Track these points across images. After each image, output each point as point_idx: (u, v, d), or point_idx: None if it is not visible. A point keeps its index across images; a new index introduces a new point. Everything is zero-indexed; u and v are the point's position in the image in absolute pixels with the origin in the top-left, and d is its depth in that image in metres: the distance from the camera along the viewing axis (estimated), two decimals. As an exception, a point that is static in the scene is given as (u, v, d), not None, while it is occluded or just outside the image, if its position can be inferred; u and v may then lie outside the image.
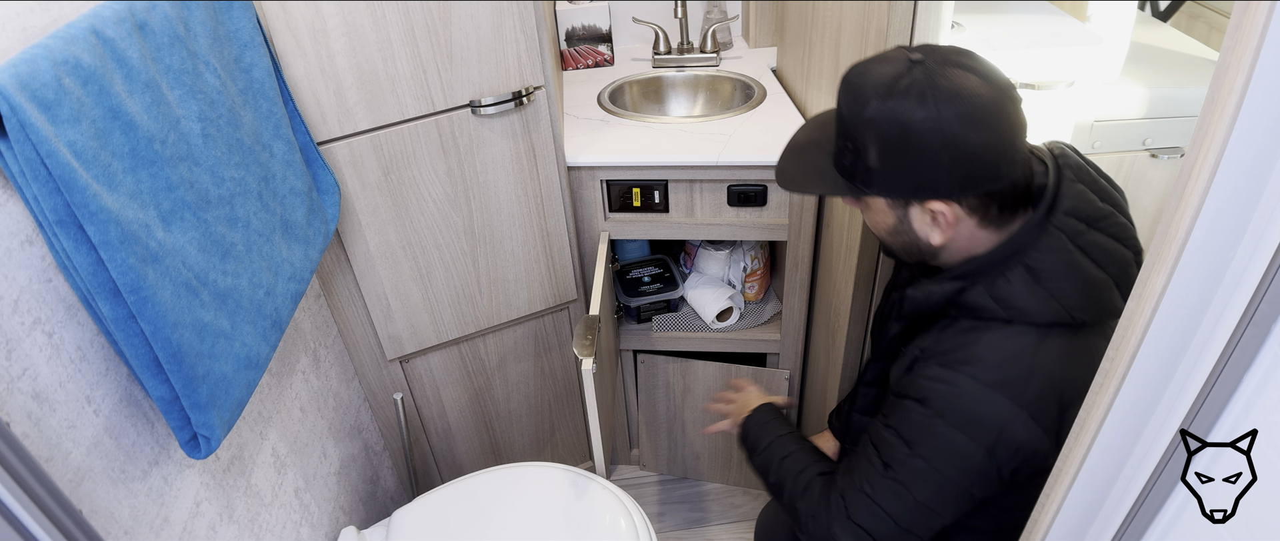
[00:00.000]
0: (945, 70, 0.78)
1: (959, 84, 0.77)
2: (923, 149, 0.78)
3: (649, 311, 1.74)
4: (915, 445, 0.84)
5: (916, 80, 0.78)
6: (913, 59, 0.79)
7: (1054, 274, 0.81)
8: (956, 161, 0.78)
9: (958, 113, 0.76)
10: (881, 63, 0.82)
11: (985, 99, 0.77)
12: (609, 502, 1.27)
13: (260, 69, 0.99)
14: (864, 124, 0.81)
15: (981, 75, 0.78)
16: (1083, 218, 0.82)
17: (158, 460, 0.83)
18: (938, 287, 0.86)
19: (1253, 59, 0.41)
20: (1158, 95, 1.57)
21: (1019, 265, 0.82)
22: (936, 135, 0.77)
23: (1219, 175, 0.44)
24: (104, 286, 0.69)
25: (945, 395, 0.82)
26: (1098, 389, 0.60)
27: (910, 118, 0.77)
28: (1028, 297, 0.81)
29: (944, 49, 0.81)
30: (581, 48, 1.91)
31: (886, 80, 0.79)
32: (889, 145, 0.80)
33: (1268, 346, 0.45)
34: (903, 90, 0.78)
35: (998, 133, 0.78)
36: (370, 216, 1.29)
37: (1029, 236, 0.82)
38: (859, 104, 0.81)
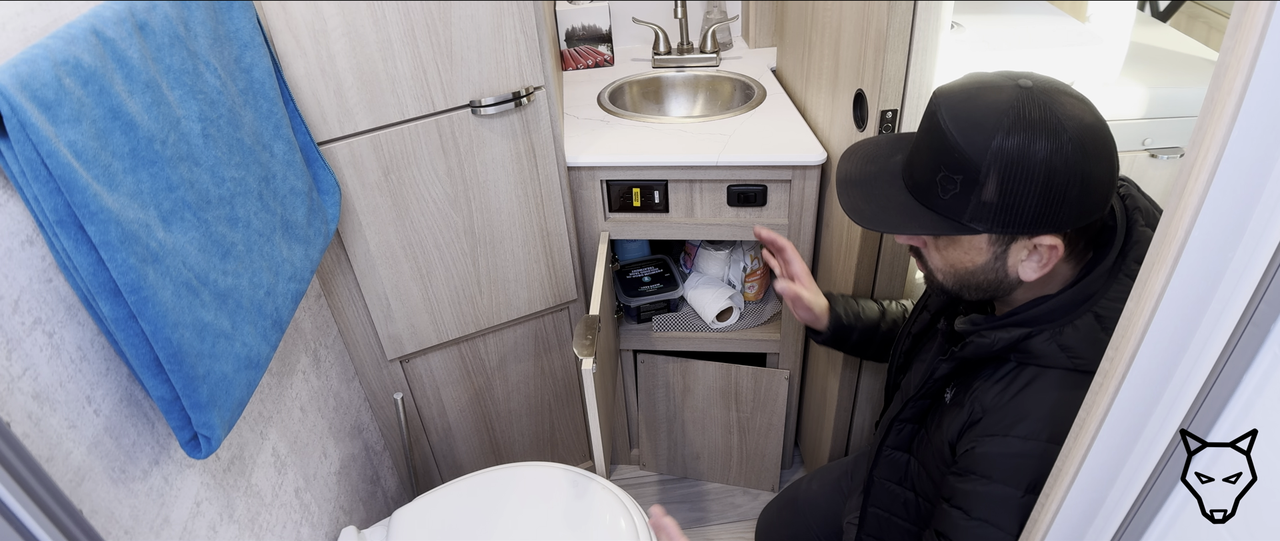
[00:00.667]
0: (1058, 98, 0.76)
1: (1077, 114, 0.75)
2: (1051, 182, 0.75)
3: (649, 311, 1.74)
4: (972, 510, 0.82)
5: (1040, 110, 0.75)
6: (1022, 84, 0.77)
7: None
8: (1084, 193, 0.76)
9: (1082, 143, 0.74)
10: (989, 90, 0.78)
11: (1100, 129, 0.76)
12: (609, 502, 1.27)
13: (260, 69, 0.99)
14: (990, 157, 0.76)
15: (1084, 102, 0.77)
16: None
17: (158, 460, 0.83)
18: (1004, 334, 0.82)
19: (1252, 59, 0.41)
20: (1157, 95, 1.57)
21: (1088, 313, 0.79)
22: (1065, 168, 0.74)
23: (1219, 175, 0.44)
24: (104, 286, 0.69)
25: (1005, 460, 0.80)
26: (1098, 389, 0.60)
27: (1040, 150, 0.74)
28: (1092, 347, 0.78)
29: (1039, 76, 0.78)
30: (581, 48, 1.91)
31: (1007, 110, 0.76)
32: (1014, 179, 0.76)
33: (1268, 346, 0.45)
34: (1029, 122, 0.75)
35: (1111, 163, 0.77)
36: (370, 216, 1.29)
37: (1099, 284, 0.80)
38: (981, 136, 0.76)
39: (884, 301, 1.26)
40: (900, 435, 1.00)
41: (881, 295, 1.35)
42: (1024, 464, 0.79)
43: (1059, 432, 0.75)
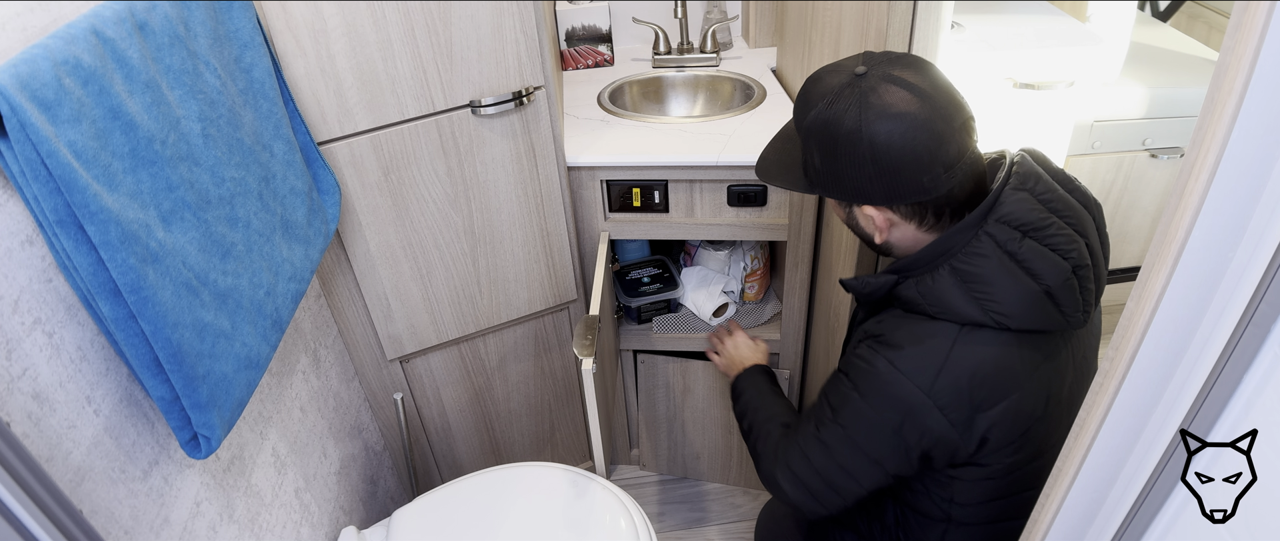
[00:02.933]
0: (882, 86, 0.82)
1: (888, 100, 0.82)
2: (851, 159, 0.84)
3: (649, 311, 1.74)
4: (838, 412, 0.93)
5: (853, 92, 0.83)
6: (857, 72, 0.85)
7: (979, 277, 0.84)
8: (881, 174, 0.84)
9: (883, 129, 0.82)
10: (833, 72, 0.88)
11: (913, 117, 0.81)
12: (609, 502, 1.27)
13: (260, 69, 0.99)
14: (806, 129, 0.89)
15: (920, 93, 0.82)
16: (1018, 225, 0.84)
17: (158, 460, 0.83)
18: (874, 280, 0.94)
19: (1252, 59, 0.41)
20: (1157, 95, 1.57)
21: (946, 265, 0.86)
22: (862, 147, 0.83)
23: (1219, 175, 0.44)
24: (104, 286, 0.69)
25: (864, 372, 0.90)
26: (1098, 389, 0.60)
27: (839, 130, 0.84)
28: (951, 296, 0.85)
29: (894, 60, 0.85)
30: (581, 48, 1.91)
31: (830, 90, 0.85)
32: (824, 152, 0.87)
33: (1268, 346, 0.45)
34: (839, 102, 0.84)
35: (919, 149, 0.82)
36: (370, 216, 1.29)
37: (958, 239, 0.86)
38: (804, 110, 0.89)
39: None
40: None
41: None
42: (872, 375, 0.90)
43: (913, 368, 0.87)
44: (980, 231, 0.85)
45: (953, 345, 0.86)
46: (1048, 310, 0.84)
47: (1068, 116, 1.44)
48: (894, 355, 0.88)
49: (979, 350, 0.85)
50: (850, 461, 0.93)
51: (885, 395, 0.88)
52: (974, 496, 0.97)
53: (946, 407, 0.86)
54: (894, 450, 0.91)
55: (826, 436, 0.94)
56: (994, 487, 0.95)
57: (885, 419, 0.89)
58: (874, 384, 0.89)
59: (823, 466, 0.95)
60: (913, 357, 0.87)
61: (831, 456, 0.94)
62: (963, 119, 0.84)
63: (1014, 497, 0.96)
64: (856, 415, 0.91)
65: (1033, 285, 0.83)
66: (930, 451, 0.91)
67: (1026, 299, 0.83)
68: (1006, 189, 0.86)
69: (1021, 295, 0.83)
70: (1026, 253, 0.83)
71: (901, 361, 0.87)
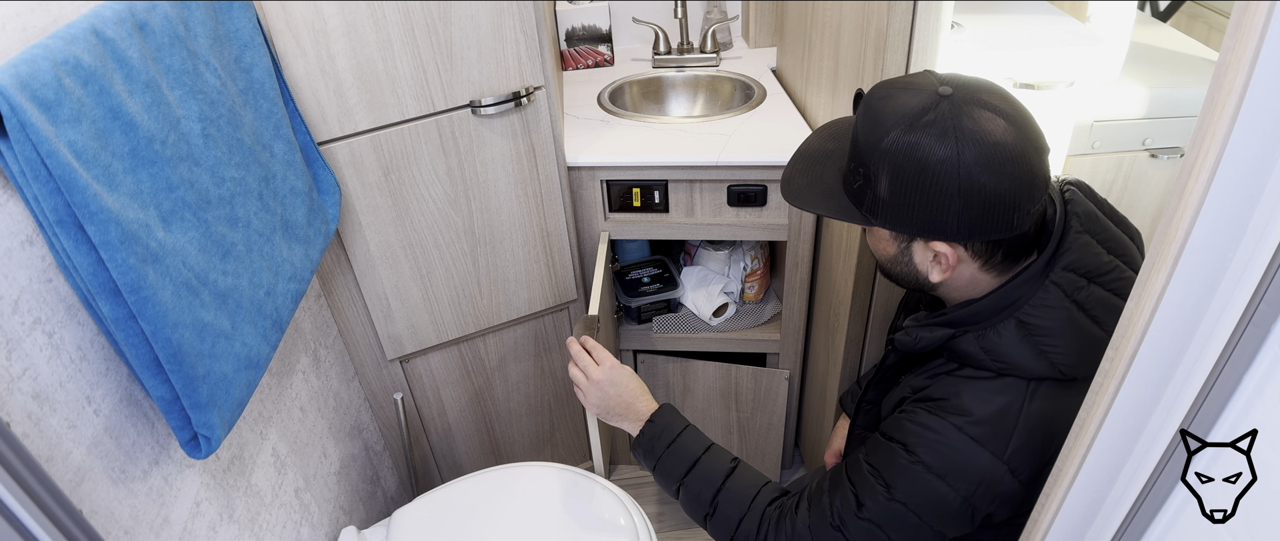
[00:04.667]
0: (973, 110, 0.74)
1: (985, 127, 0.74)
2: (936, 189, 0.75)
3: (649, 312, 1.74)
4: (895, 489, 0.83)
5: (941, 116, 0.75)
6: (941, 92, 0.76)
7: (1046, 330, 0.79)
8: (969, 207, 0.75)
9: (979, 157, 0.73)
10: (907, 91, 0.78)
11: (1009, 147, 0.74)
12: (609, 502, 1.27)
13: (260, 69, 0.99)
14: (880, 153, 0.78)
15: (1011, 120, 0.75)
16: (1084, 272, 0.80)
17: (158, 460, 0.83)
18: (928, 334, 0.84)
19: (1252, 59, 0.41)
20: (1157, 95, 1.57)
21: (1011, 319, 0.80)
22: (953, 178, 0.74)
23: (1219, 175, 0.44)
24: (104, 286, 0.69)
25: (930, 443, 0.81)
26: (1098, 389, 0.60)
27: (929, 155, 0.74)
28: (1018, 352, 0.79)
29: (976, 84, 0.78)
30: (581, 48, 1.91)
31: (910, 111, 0.76)
32: (902, 179, 0.77)
33: (1268, 346, 0.45)
34: (925, 125, 0.75)
35: (1016, 183, 0.75)
36: (370, 216, 1.29)
37: (1025, 290, 0.80)
38: (878, 132, 0.78)
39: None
40: (868, 416, 1.03)
41: (880, 296, 1.35)
42: (938, 444, 0.81)
43: (987, 435, 0.79)
44: (1047, 280, 0.79)
45: (1024, 404, 0.79)
46: None
47: (1068, 116, 1.44)
48: (963, 422, 0.80)
49: (1047, 405, 0.80)
50: (908, 539, 0.84)
51: (957, 465, 0.80)
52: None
53: (1019, 469, 0.80)
54: (960, 517, 0.83)
55: (878, 516, 0.84)
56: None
57: (956, 489, 0.81)
58: (944, 454, 0.81)
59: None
60: (986, 424, 0.80)
61: (885, 536, 0.84)
62: (1047, 151, 0.78)
63: None
64: (921, 489, 0.82)
65: (1098, 333, 0.78)
66: (995, 511, 0.84)
67: (1092, 348, 0.77)
68: (1069, 235, 0.80)
69: (1088, 344, 0.78)
70: (1092, 300, 0.79)
71: (974, 428, 0.80)
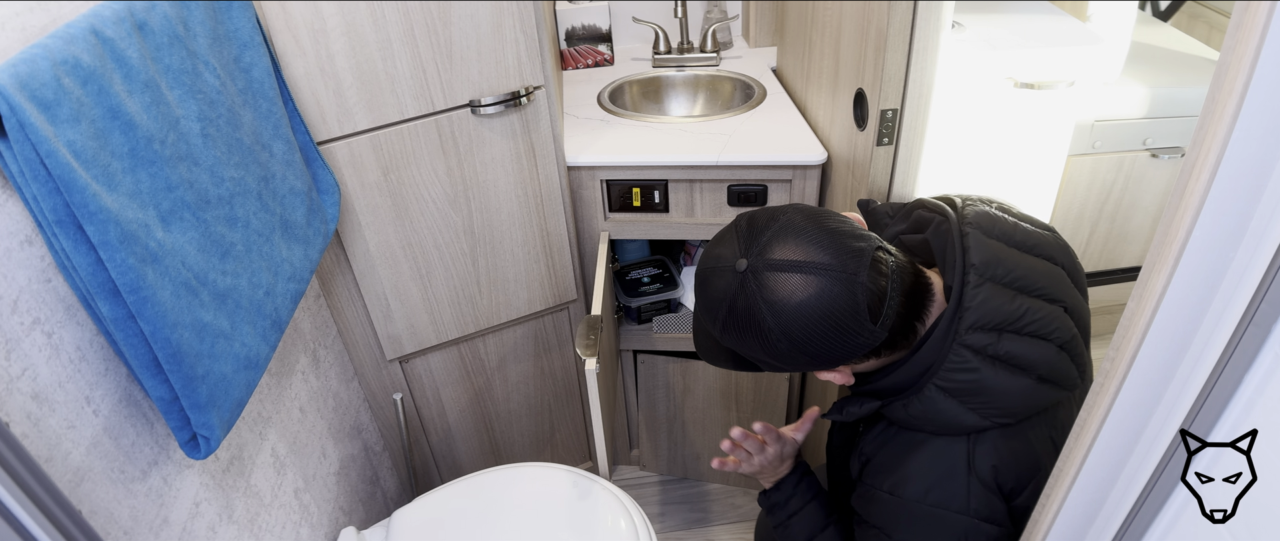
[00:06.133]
0: (768, 278, 0.77)
1: (784, 293, 0.76)
2: (780, 353, 0.79)
3: (649, 312, 1.74)
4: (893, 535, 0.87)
5: (746, 296, 0.78)
6: (738, 268, 0.79)
7: (966, 390, 0.80)
8: (815, 356, 0.79)
9: (794, 326, 0.76)
10: (716, 272, 0.82)
11: (815, 299, 0.76)
12: (609, 503, 1.27)
13: (260, 69, 0.99)
14: (727, 342, 0.84)
15: (810, 267, 0.76)
16: (993, 326, 0.79)
17: (157, 460, 0.83)
18: (857, 409, 0.88)
19: (1253, 59, 0.41)
20: (1158, 95, 1.57)
21: (929, 386, 0.81)
22: (784, 345, 0.78)
23: (1219, 175, 0.44)
24: (103, 286, 0.69)
25: (898, 516, 0.85)
26: (1098, 389, 0.60)
27: (755, 341, 0.79)
28: (947, 413, 0.81)
29: (769, 230, 0.80)
30: (581, 47, 1.91)
31: (723, 297, 0.80)
32: (753, 355, 0.83)
33: (1268, 346, 0.45)
34: (737, 318, 0.79)
35: (839, 322, 0.77)
36: (370, 216, 1.29)
37: (933, 355, 0.81)
38: (712, 322, 0.83)
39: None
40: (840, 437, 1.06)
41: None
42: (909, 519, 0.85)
43: (943, 498, 0.83)
44: (956, 344, 0.80)
45: (968, 458, 0.82)
46: (1045, 392, 0.81)
47: (1068, 116, 1.44)
48: (918, 489, 0.84)
49: (991, 452, 0.82)
50: None
51: (929, 529, 0.84)
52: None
53: (988, 515, 0.83)
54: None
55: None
56: None
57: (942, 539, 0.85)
58: (913, 525, 0.84)
59: None
60: (938, 488, 0.83)
61: None
62: (866, 263, 0.77)
63: None
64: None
65: (1025, 380, 0.79)
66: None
67: (1022, 393, 0.79)
68: (968, 289, 0.80)
69: (1017, 392, 0.79)
70: (1009, 349, 0.79)
71: (931, 495, 0.83)
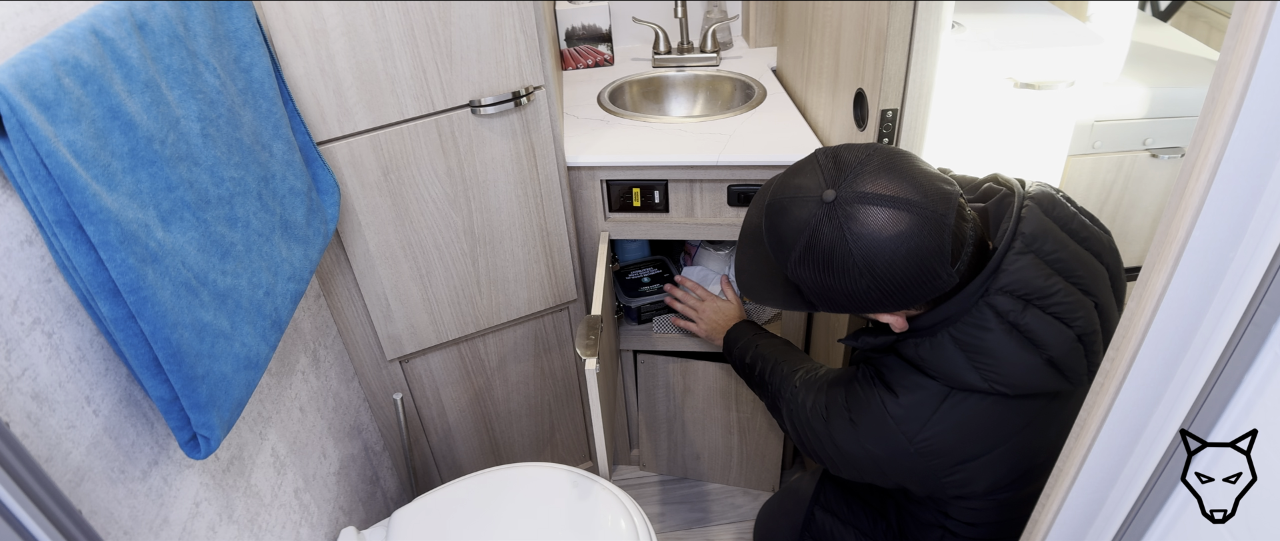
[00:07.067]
0: (861, 210, 0.78)
1: (876, 226, 0.77)
2: (854, 293, 0.81)
3: (649, 312, 1.74)
4: (831, 420, 0.98)
5: (833, 226, 0.79)
6: (826, 198, 0.80)
7: (981, 349, 0.82)
8: (889, 296, 0.81)
9: (881, 261, 0.78)
10: (797, 201, 0.83)
11: (906, 236, 0.77)
12: (609, 503, 1.27)
13: (260, 69, 0.99)
14: (794, 277, 0.85)
15: (903, 203, 0.77)
16: (1023, 294, 0.81)
17: (157, 460, 0.83)
18: (872, 339, 0.95)
19: (1253, 59, 0.41)
20: (1158, 95, 1.57)
21: (945, 333, 0.84)
22: (864, 282, 0.80)
23: (1219, 175, 0.44)
24: (103, 286, 0.69)
25: (861, 404, 0.94)
26: (1098, 389, 0.60)
27: (831, 273, 0.81)
28: (952, 363, 0.85)
29: (859, 167, 0.80)
30: (581, 47, 1.91)
31: (804, 226, 0.81)
32: (821, 294, 0.85)
33: (1268, 347, 0.45)
34: (818, 249, 0.80)
35: (924, 264, 0.78)
36: (370, 216, 1.29)
37: (958, 308, 0.83)
38: (781, 255, 0.85)
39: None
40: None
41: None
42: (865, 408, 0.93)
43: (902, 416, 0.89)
44: (982, 301, 0.82)
45: (941, 402, 0.88)
46: (1049, 376, 0.82)
47: (1068, 116, 1.44)
48: (887, 398, 0.91)
49: (966, 409, 0.87)
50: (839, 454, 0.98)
51: (874, 430, 0.92)
52: (967, 517, 0.98)
53: (929, 454, 0.89)
54: (874, 473, 0.96)
55: (833, 428, 0.98)
56: (986, 515, 0.96)
57: (868, 450, 0.93)
58: (866, 417, 0.93)
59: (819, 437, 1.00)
60: (904, 406, 0.89)
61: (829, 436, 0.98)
62: (954, 207, 0.78)
63: (1009, 523, 0.96)
64: (848, 437, 0.95)
65: (1035, 357, 0.81)
66: (907, 485, 0.95)
67: (1027, 369, 0.81)
68: (1010, 254, 0.82)
69: (1023, 366, 0.81)
70: (1030, 322, 0.81)
71: (893, 406, 0.90)
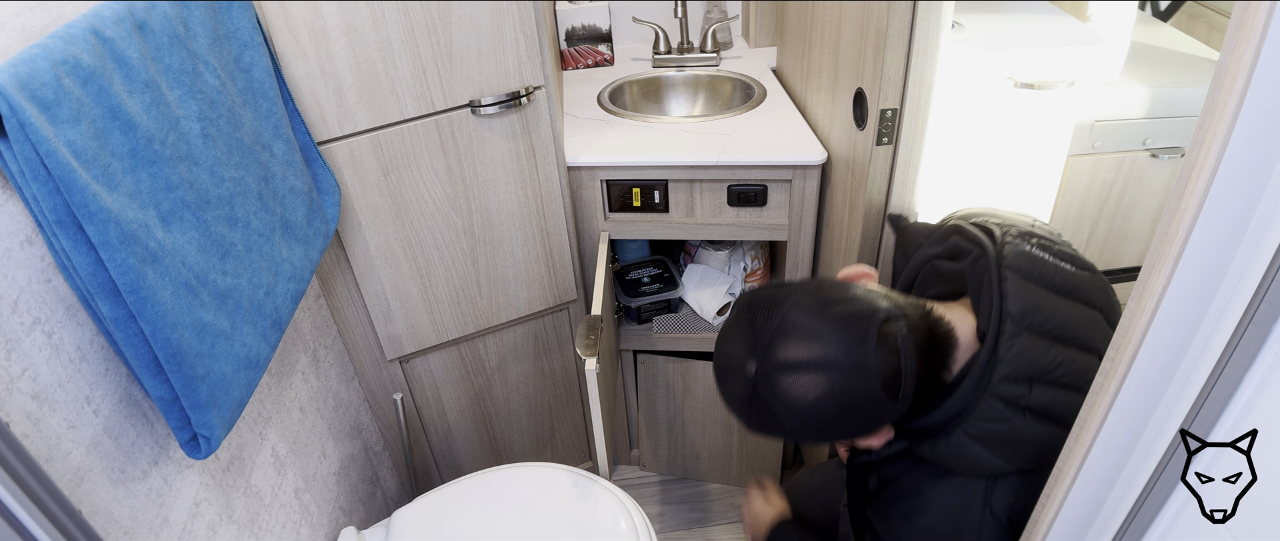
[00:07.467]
0: (780, 380, 0.76)
1: (797, 395, 0.75)
2: (809, 437, 0.80)
3: (649, 312, 1.74)
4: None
5: (761, 402, 0.78)
6: (748, 373, 0.78)
7: (995, 438, 0.80)
8: (843, 435, 0.80)
9: (811, 421, 0.76)
10: (730, 375, 0.81)
11: (829, 395, 0.75)
12: (609, 503, 1.27)
13: (260, 69, 0.99)
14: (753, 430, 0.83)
15: (819, 364, 0.75)
16: (1027, 377, 0.78)
17: (157, 460, 0.83)
18: (886, 450, 0.87)
19: (1253, 59, 0.41)
20: (1158, 95, 1.57)
21: (958, 431, 0.81)
22: (810, 436, 0.79)
23: (1219, 175, 0.44)
24: (103, 286, 0.69)
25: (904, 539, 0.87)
26: (1098, 389, 0.60)
27: (781, 434, 0.81)
28: (974, 455, 0.81)
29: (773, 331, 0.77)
30: (581, 47, 1.91)
31: (742, 404, 0.80)
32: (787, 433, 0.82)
33: (1268, 346, 0.45)
34: (760, 416, 0.79)
35: (855, 411, 0.76)
36: (370, 216, 1.29)
37: (963, 403, 0.81)
38: (737, 415, 0.83)
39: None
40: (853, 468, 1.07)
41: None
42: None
43: (954, 530, 0.84)
44: (988, 394, 0.79)
45: (986, 499, 0.83)
46: None
47: (1068, 116, 1.44)
48: (931, 520, 0.85)
49: (1011, 495, 0.82)
50: None
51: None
52: None
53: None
54: None
55: None
56: None
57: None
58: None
59: None
60: (950, 520, 0.84)
61: None
62: (871, 344, 0.75)
63: None
64: None
65: (1054, 428, 0.79)
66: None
67: (1051, 442, 0.78)
68: (1003, 339, 0.78)
69: (1046, 440, 0.79)
70: (1041, 399, 0.78)
71: (942, 525, 0.84)
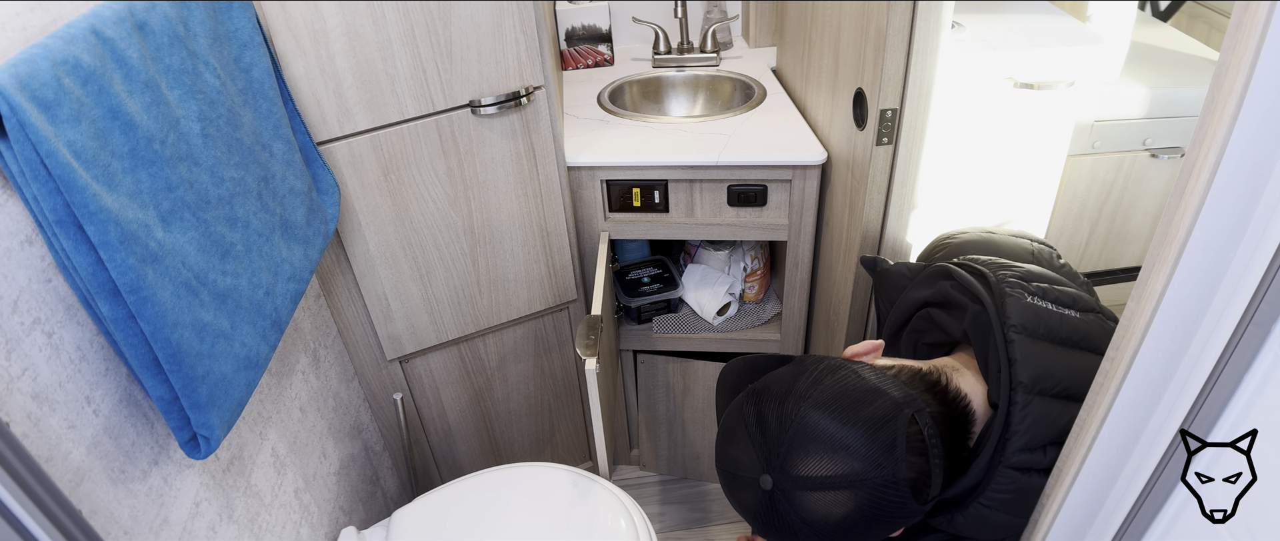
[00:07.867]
0: (800, 498, 0.74)
1: (820, 513, 0.74)
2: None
3: (649, 311, 1.74)
4: None
5: (784, 521, 0.76)
6: (765, 489, 0.76)
7: (1012, 505, 0.80)
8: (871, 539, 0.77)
9: (836, 535, 0.75)
10: (740, 483, 0.79)
11: (856, 516, 0.74)
12: (609, 502, 1.27)
13: (260, 69, 0.99)
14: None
15: (842, 481, 0.73)
16: (1038, 446, 0.78)
17: (157, 460, 0.83)
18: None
19: (1253, 59, 0.41)
20: (1158, 95, 1.57)
21: (974, 505, 0.82)
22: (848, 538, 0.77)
23: (1219, 175, 0.44)
24: (103, 286, 0.69)
25: None
26: (1098, 389, 0.60)
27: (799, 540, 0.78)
28: (992, 523, 0.82)
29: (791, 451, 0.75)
30: (581, 48, 1.91)
31: (759, 516, 0.78)
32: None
33: (1268, 346, 0.45)
34: (778, 528, 0.77)
35: (885, 521, 0.75)
36: (370, 216, 1.29)
37: (978, 478, 0.81)
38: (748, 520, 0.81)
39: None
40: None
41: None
42: None
43: None
44: (1002, 467, 0.79)
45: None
46: None
47: (1068, 116, 1.44)
48: None
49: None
50: None
51: None
52: None
53: None
54: None
55: None
56: None
57: None
58: None
59: None
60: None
61: None
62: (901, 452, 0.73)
63: None
64: None
65: None
66: None
67: None
68: (1015, 410, 0.78)
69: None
70: (1053, 458, 0.78)
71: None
